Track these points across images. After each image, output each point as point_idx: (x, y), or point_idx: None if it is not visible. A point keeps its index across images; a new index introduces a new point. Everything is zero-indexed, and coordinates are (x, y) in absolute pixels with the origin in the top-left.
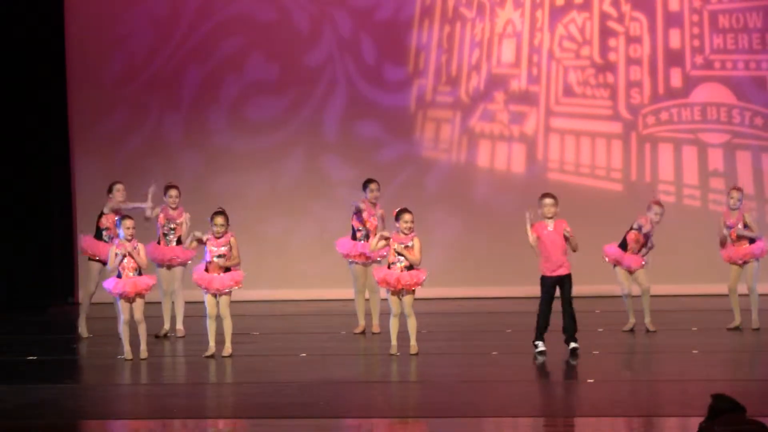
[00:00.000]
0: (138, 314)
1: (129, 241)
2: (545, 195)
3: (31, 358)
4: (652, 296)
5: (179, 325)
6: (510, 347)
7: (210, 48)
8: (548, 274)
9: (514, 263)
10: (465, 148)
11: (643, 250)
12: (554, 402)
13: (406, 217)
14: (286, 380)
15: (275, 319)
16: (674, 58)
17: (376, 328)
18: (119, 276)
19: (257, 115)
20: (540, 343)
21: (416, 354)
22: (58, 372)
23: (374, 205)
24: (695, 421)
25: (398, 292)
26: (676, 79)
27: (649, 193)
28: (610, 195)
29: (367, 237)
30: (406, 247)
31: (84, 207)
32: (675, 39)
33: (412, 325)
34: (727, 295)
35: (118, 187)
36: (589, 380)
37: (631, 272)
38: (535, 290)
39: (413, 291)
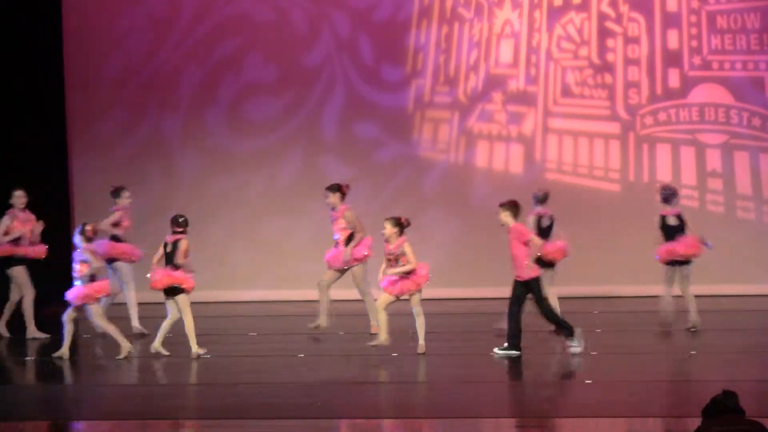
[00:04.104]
0: (70, 315)
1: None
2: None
3: (30, 358)
4: (652, 296)
5: (135, 323)
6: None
7: (208, 48)
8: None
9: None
10: (463, 148)
11: None
12: (554, 402)
13: (385, 225)
14: (285, 381)
15: (273, 319)
16: (672, 59)
17: (374, 329)
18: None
19: (255, 115)
20: (574, 342)
21: (423, 353)
22: (58, 372)
23: (334, 209)
24: (694, 422)
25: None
26: (674, 80)
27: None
28: (608, 195)
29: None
30: (399, 256)
31: (82, 207)
32: (673, 40)
33: (420, 324)
34: (727, 296)
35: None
36: (588, 381)
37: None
38: None
39: (420, 290)
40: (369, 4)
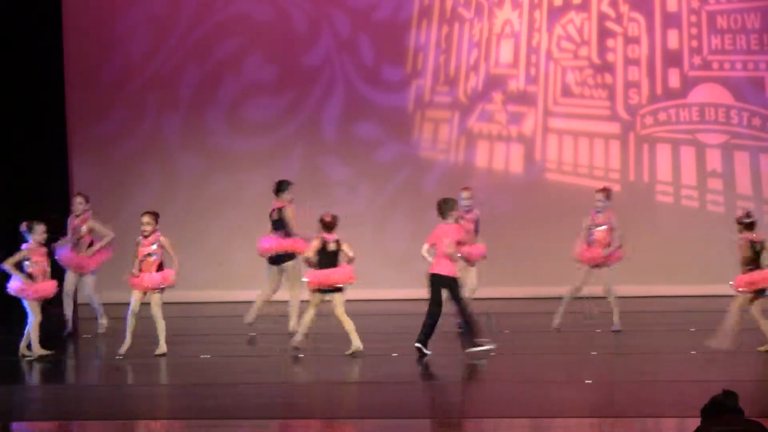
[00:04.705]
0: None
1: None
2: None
3: (31, 357)
4: (650, 297)
5: (104, 322)
6: (508, 348)
7: (208, 48)
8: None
9: (512, 264)
10: (463, 148)
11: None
12: (553, 403)
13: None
14: (285, 381)
15: (272, 319)
16: (672, 59)
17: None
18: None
19: (255, 115)
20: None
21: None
22: (59, 372)
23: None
24: (693, 422)
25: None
26: (674, 80)
27: (648, 193)
28: None
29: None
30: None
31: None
32: (673, 40)
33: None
34: (727, 296)
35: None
36: (588, 381)
37: None
38: (534, 291)
39: (341, 289)
40: (369, 4)
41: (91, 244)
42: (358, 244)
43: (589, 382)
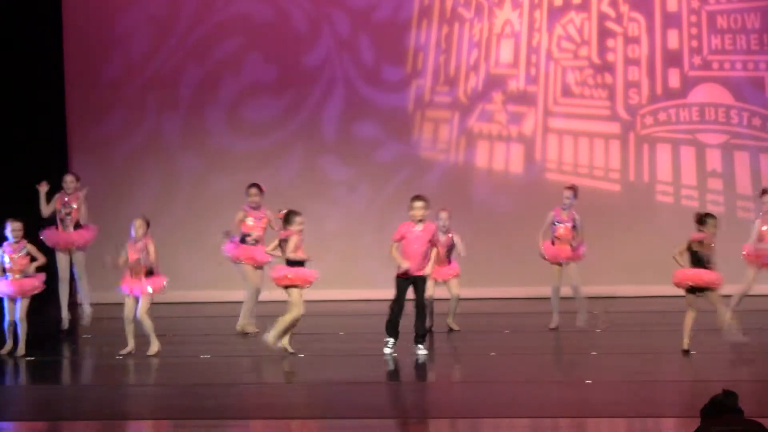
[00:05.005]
0: (21, 314)
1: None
2: (415, 198)
3: (30, 358)
4: (650, 297)
5: (87, 309)
6: (508, 348)
7: (208, 48)
8: (414, 274)
9: (512, 264)
10: (463, 148)
11: None
12: (553, 403)
13: (298, 219)
14: (284, 381)
15: (273, 319)
16: (672, 59)
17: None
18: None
19: (255, 115)
20: (391, 341)
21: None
22: (59, 372)
23: (256, 209)
24: (694, 422)
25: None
26: (674, 80)
27: (648, 193)
28: (608, 195)
29: (256, 242)
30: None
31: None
32: (673, 39)
33: (285, 319)
34: (727, 296)
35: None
36: (588, 381)
37: None
38: (534, 291)
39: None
40: (369, 4)
41: (77, 225)
42: (358, 244)
43: (589, 382)
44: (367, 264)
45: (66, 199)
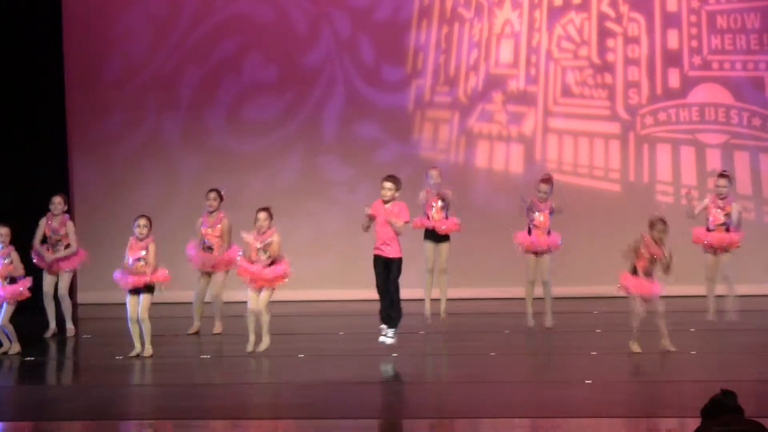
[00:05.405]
0: (4, 320)
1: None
2: (385, 179)
3: (30, 358)
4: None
5: (69, 324)
6: (508, 348)
7: (208, 48)
8: (376, 253)
9: (512, 264)
10: (463, 148)
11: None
12: (553, 403)
13: (259, 215)
14: (285, 381)
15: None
16: (672, 59)
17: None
18: None
19: (255, 115)
20: (384, 327)
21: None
22: (58, 372)
23: (211, 213)
24: (693, 422)
25: (260, 289)
26: (674, 80)
27: (648, 193)
28: (608, 195)
29: (210, 248)
30: (267, 244)
31: (82, 208)
32: (673, 39)
33: (264, 321)
34: (723, 296)
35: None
36: (588, 381)
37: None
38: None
39: (273, 288)
40: (369, 4)
41: (67, 246)
42: (358, 244)
43: (589, 382)
44: (367, 264)
45: (54, 224)
